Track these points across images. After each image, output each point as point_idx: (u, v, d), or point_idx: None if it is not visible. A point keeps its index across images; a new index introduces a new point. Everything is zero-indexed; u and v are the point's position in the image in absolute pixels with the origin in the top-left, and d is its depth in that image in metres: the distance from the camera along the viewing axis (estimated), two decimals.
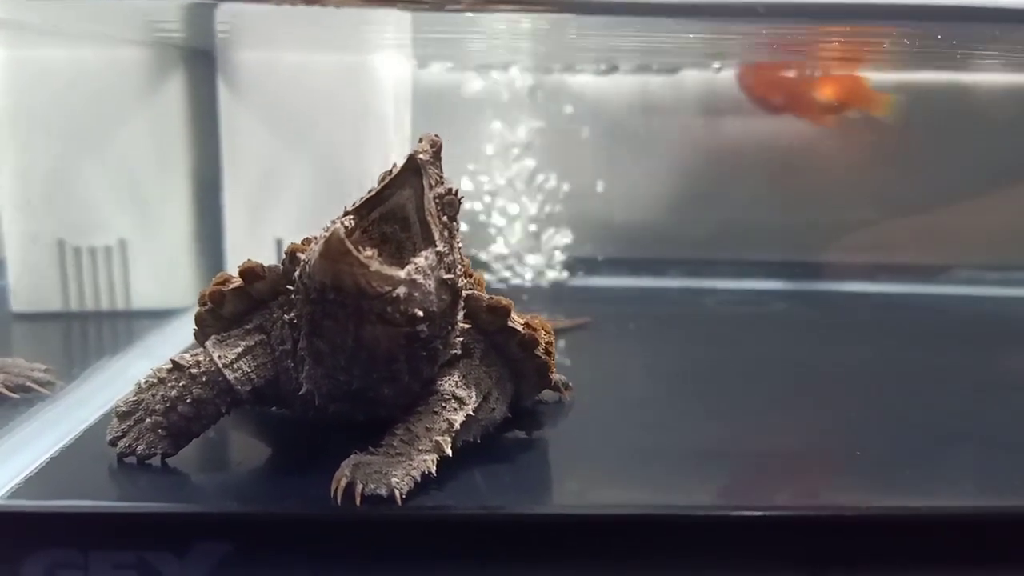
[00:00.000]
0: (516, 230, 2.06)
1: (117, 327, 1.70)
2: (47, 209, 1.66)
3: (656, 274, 2.10)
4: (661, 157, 2.11)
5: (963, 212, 2.03)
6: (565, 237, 2.08)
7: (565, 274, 2.09)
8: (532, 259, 2.07)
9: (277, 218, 1.73)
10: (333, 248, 0.82)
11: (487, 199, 2.05)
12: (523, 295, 1.96)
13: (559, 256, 2.08)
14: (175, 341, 1.45)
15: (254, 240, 1.72)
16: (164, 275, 1.73)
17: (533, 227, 2.06)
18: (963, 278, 2.09)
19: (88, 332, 1.69)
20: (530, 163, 2.05)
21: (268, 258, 1.66)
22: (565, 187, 2.08)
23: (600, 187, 2.12)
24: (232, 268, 1.05)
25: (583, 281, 2.10)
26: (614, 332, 1.70)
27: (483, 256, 2.06)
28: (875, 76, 1.99)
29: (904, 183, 2.05)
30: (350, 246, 0.82)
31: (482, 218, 2.05)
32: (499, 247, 2.07)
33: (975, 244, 2.06)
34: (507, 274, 2.06)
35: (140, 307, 1.71)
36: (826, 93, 1.86)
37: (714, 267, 2.09)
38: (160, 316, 1.65)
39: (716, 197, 2.10)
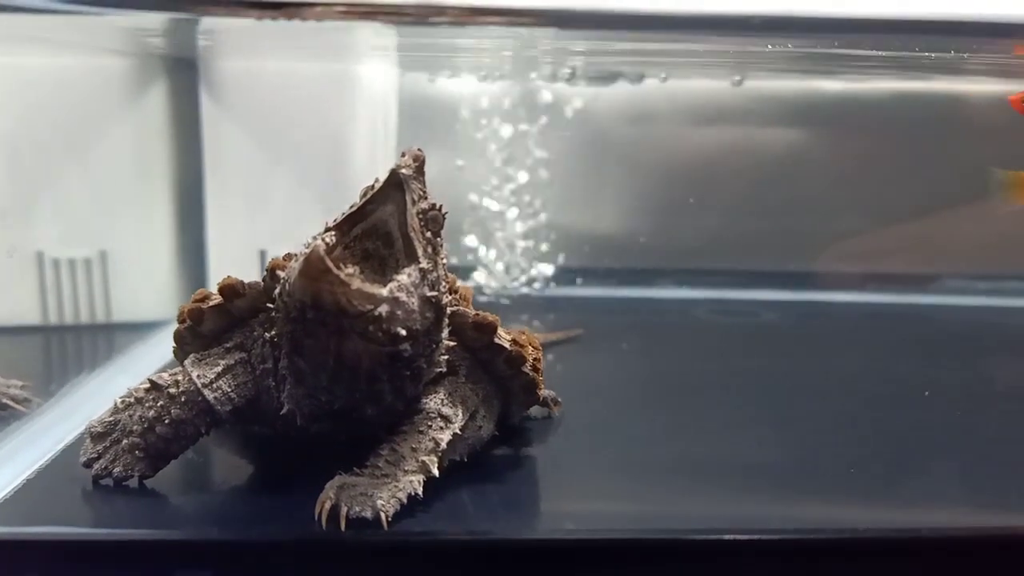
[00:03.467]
0: (500, 239, 2.04)
1: (97, 341, 1.67)
2: (26, 220, 1.63)
3: (646, 285, 2.08)
4: (650, 166, 2.10)
5: (952, 221, 2.02)
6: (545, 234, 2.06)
7: (542, 280, 2.06)
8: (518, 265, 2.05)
9: (261, 229, 1.70)
10: (313, 266, 0.80)
11: (473, 204, 2.03)
12: (511, 306, 1.94)
13: (543, 268, 2.06)
14: (157, 355, 1.43)
15: (237, 251, 1.69)
16: (146, 287, 1.70)
17: (520, 239, 2.05)
18: (953, 288, 2.08)
19: (67, 346, 1.67)
20: (516, 173, 2.03)
21: (251, 270, 1.66)
22: (553, 197, 2.06)
23: (588, 197, 2.10)
24: (215, 280, 1.02)
25: (572, 292, 2.08)
26: (604, 345, 1.68)
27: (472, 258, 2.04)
28: (869, 85, 1.98)
29: (893, 192, 2.04)
30: (330, 264, 0.81)
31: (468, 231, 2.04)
32: (485, 255, 2.05)
33: (964, 254, 2.05)
34: (494, 284, 2.04)
35: (121, 320, 1.68)
36: None
37: (704, 277, 2.07)
38: (142, 329, 1.63)
39: (705, 207, 2.08)
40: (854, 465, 1.08)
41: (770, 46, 1.34)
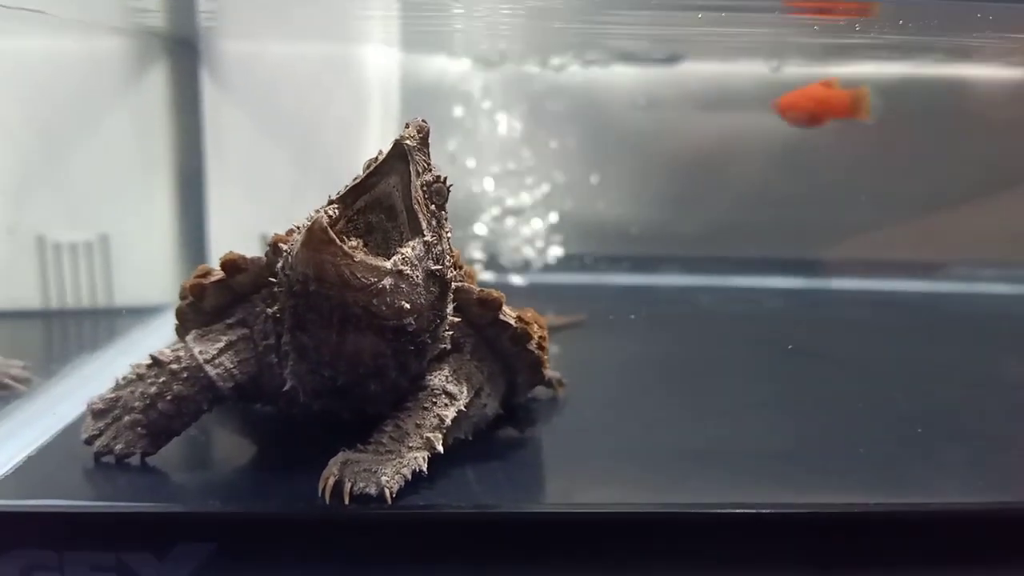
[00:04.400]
0: (506, 222, 2.03)
1: (98, 324, 1.66)
2: (26, 203, 1.61)
3: (650, 271, 2.07)
4: (656, 152, 2.08)
5: (959, 209, 2.01)
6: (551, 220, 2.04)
7: (553, 254, 2.05)
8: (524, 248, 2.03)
9: (262, 213, 1.68)
10: (315, 238, 0.79)
11: (477, 190, 2.02)
12: (515, 291, 1.93)
13: (549, 246, 2.05)
14: (157, 338, 1.41)
15: (239, 235, 1.67)
16: (146, 271, 1.68)
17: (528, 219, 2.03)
18: (959, 275, 2.07)
19: (68, 329, 1.66)
20: (522, 157, 2.01)
21: (252, 253, 1.64)
22: (559, 182, 2.05)
23: (593, 183, 2.09)
24: (215, 263, 1.01)
25: (577, 278, 2.07)
26: (608, 330, 1.67)
27: (477, 255, 2.03)
28: (873, 69, 1.97)
29: (900, 180, 2.03)
30: (333, 235, 0.80)
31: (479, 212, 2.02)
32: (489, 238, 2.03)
33: (971, 241, 2.04)
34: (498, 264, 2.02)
35: (122, 304, 1.67)
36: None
37: (709, 264, 2.06)
38: (143, 313, 1.61)
39: (711, 193, 2.07)
40: (861, 446, 1.07)
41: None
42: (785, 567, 0.87)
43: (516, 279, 2.00)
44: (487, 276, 1.95)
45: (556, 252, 2.06)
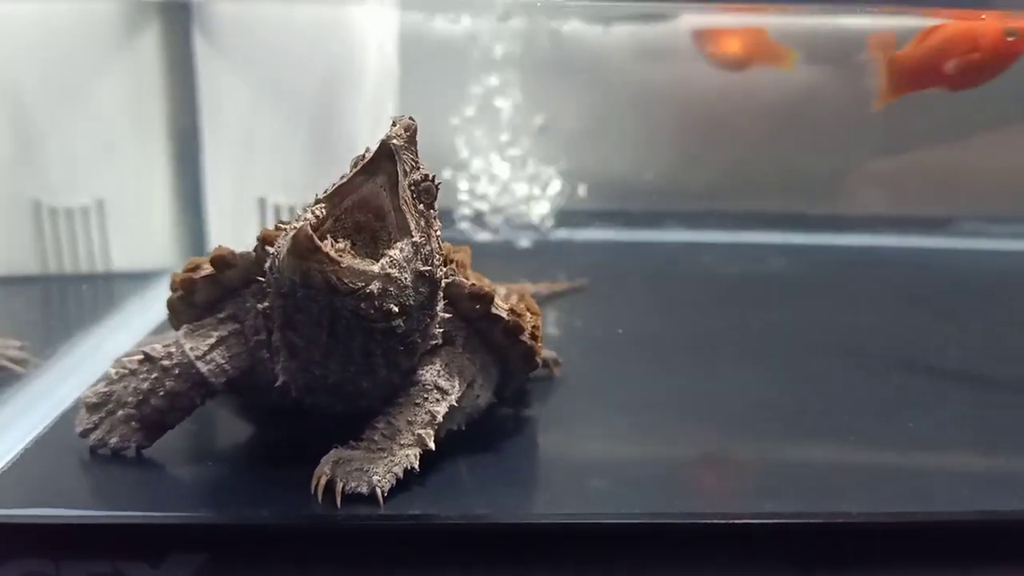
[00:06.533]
0: (508, 182, 2.00)
1: (96, 291, 1.65)
2: (21, 169, 1.59)
3: (653, 227, 2.04)
4: (658, 106, 2.04)
5: (968, 162, 1.97)
6: (555, 184, 2.01)
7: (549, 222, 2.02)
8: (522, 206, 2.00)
9: (259, 176, 1.66)
10: (301, 245, 0.78)
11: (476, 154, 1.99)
12: (516, 251, 1.93)
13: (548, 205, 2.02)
14: (158, 308, 1.40)
15: (236, 199, 1.66)
16: (143, 235, 1.67)
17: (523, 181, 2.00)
18: (967, 230, 2.04)
19: (67, 297, 1.65)
20: (523, 114, 1.98)
21: (250, 217, 1.63)
22: (560, 137, 2.01)
23: (596, 137, 2.05)
24: (213, 228, 1.00)
25: (578, 235, 2.04)
26: (608, 294, 1.65)
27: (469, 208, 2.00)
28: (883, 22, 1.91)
29: (907, 133, 1.98)
30: (318, 243, 0.78)
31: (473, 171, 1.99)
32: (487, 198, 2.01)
33: (980, 195, 2.01)
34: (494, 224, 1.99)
35: (119, 269, 1.66)
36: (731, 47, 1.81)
37: (712, 219, 2.03)
38: (139, 278, 1.60)
39: (714, 147, 2.04)
40: (853, 434, 1.07)
41: None
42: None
43: (521, 240, 1.98)
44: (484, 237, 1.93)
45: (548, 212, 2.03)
